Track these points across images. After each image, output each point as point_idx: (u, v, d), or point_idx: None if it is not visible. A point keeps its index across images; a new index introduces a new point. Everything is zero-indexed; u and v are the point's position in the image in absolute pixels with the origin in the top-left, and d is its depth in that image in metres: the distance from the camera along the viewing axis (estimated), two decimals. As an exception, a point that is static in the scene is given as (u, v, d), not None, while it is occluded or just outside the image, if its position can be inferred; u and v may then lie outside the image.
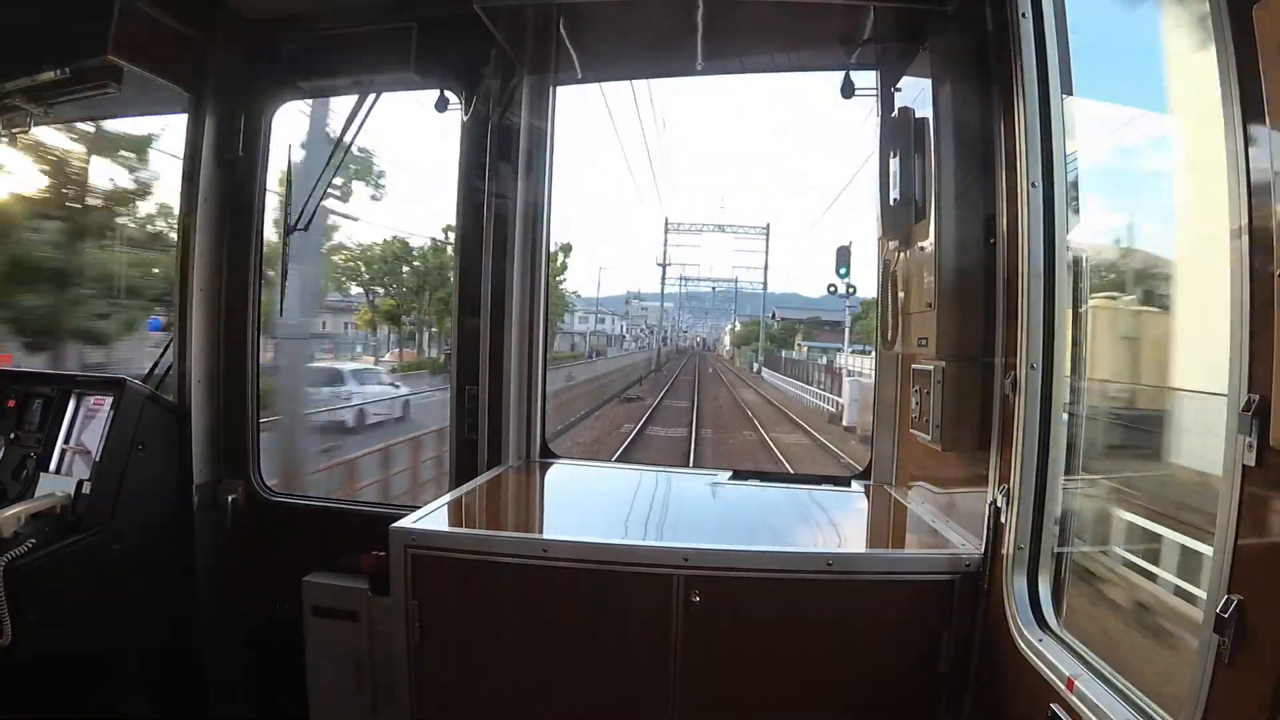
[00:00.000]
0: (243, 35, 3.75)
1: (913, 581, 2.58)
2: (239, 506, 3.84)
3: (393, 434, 14.96)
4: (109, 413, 3.38)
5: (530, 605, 2.65)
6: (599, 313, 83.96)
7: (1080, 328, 2.46)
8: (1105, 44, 2.89)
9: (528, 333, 3.79)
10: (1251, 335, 1.47)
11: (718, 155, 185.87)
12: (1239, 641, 1.46)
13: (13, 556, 2.84)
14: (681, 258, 77.65)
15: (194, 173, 3.72)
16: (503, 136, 3.67)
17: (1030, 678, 2.18)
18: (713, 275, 79.77)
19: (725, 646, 2.55)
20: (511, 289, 3.72)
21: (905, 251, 3.05)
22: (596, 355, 61.87)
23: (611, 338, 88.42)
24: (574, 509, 3.59)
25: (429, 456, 12.84)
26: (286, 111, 3.93)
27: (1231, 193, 1.50)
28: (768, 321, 78.24)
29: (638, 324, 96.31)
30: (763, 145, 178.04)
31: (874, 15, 3.18)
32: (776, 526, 3.39)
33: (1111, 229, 3.41)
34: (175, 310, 3.78)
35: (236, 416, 3.89)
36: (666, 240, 68.39)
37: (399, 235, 34.62)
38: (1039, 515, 2.36)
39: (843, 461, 20.74)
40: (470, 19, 3.13)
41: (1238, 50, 1.46)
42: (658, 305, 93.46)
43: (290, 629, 3.63)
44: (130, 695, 3.36)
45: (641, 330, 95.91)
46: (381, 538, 2.72)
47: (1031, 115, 2.32)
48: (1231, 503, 1.49)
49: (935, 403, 2.76)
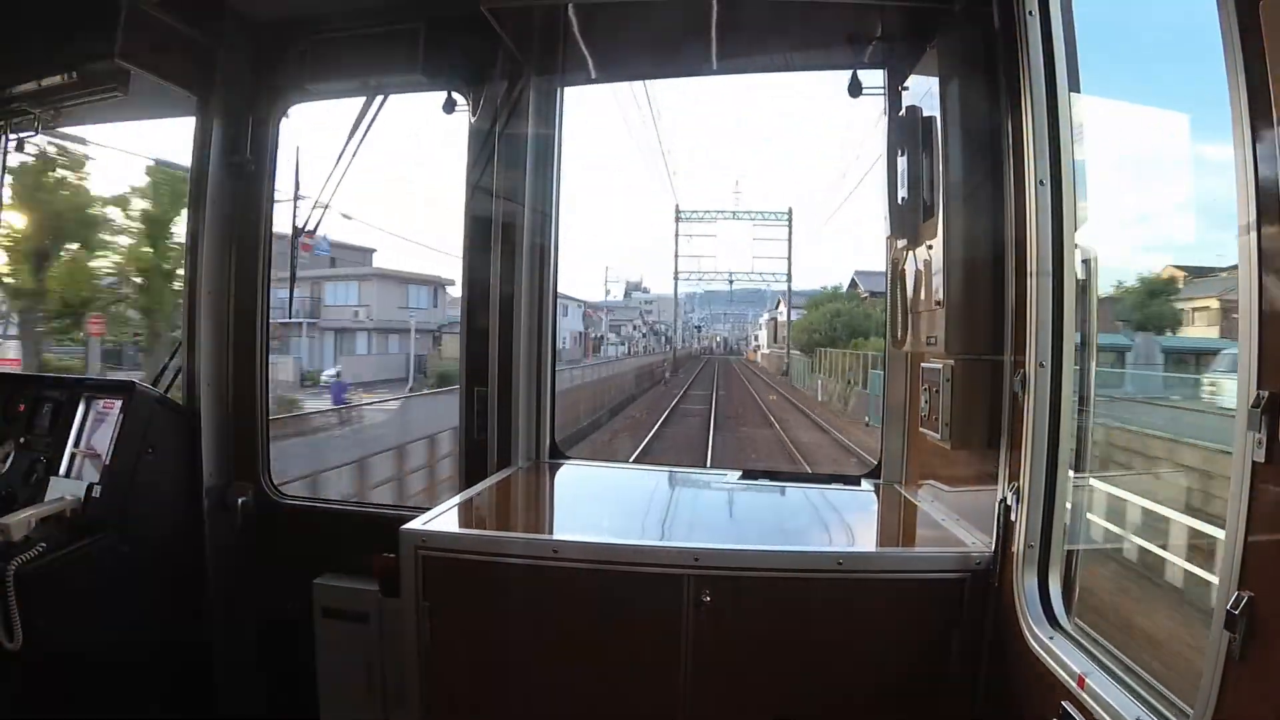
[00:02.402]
0: (250, 38, 3.76)
1: (923, 580, 2.59)
2: (249, 509, 3.84)
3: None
4: (118, 416, 3.38)
5: (540, 606, 2.65)
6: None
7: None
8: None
9: (536, 333, 3.79)
10: (1260, 331, 1.47)
11: (729, 146, 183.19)
12: (1250, 637, 1.46)
13: (23, 560, 2.85)
14: (694, 250, 69.38)
15: (202, 176, 3.73)
16: (510, 137, 3.67)
17: (1041, 675, 2.18)
18: (730, 268, 65.69)
19: (736, 646, 2.55)
20: (520, 289, 3.72)
21: (914, 250, 3.04)
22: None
23: (612, 338, 74.54)
24: (584, 509, 3.60)
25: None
26: (294, 114, 3.94)
27: (1240, 189, 1.50)
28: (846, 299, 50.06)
29: (631, 321, 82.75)
30: (776, 135, 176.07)
31: (882, 14, 3.19)
32: (787, 526, 3.39)
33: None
34: (184, 313, 3.79)
35: (246, 419, 3.89)
36: (678, 230, 58.64)
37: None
38: (1049, 513, 2.36)
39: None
40: (478, 20, 3.13)
41: (1245, 46, 1.46)
42: (667, 301, 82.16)
43: (301, 631, 3.63)
44: (141, 698, 3.36)
45: (638, 328, 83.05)
46: (391, 539, 2.72)
47: (1039, 113, 2.32)
48: (1241, 499, 1.48)
49: (944, 401, 2.76)
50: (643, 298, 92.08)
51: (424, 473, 13.51)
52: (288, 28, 3.73)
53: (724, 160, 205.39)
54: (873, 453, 4.16)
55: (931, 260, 2.83)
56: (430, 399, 21.40)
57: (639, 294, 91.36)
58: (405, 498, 12.47)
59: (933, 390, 2.86)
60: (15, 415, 3.52)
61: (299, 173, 4.01)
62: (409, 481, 12.97)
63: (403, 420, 18.59)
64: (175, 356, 3.87)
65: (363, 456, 12.77)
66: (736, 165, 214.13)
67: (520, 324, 3.72)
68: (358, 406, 19.99)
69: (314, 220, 3.86)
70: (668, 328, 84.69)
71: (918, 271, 3.02)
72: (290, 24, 3.73)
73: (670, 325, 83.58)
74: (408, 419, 18.51)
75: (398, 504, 11.48)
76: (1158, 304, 9.36)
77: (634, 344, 78.13)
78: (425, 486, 13.03)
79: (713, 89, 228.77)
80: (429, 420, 15.48)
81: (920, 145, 2.84)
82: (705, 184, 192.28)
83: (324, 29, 3.67)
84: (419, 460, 13.69)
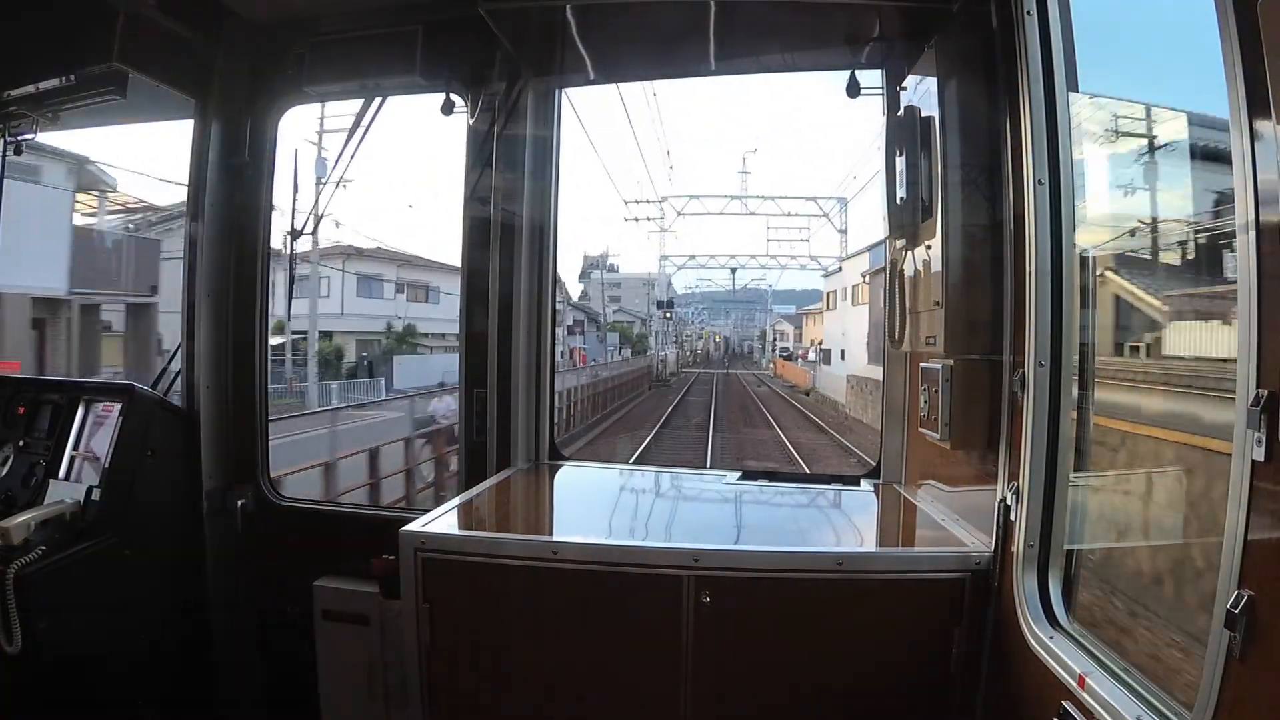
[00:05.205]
0: (248, 40, 3.76)
1: (923, 580, 2.59)
2: (249, 511, 3.84)
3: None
4: (118, 419, 3.38)
5: (541, 607, 2.65)
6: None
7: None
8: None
9: (535, 335, 3.79)
10: (1259, 331, 1.47)
11: (724, 139, 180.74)
12: (1250, 637, 1.46)
13: (23, 564, 2.85)
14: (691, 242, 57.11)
15: (200, 178, 3.73)
16: (509, 139, 3.67)
17: (1041, 675, 2.18)
18: (731, 254, 54.29)
19: (736, 646, 2.55)
20: (519, 291, 3.72)
21: (912, 250, 3.04)
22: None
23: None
24: (584, 511, 3.60)
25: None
26: (293, 116, 3.94)
27: (1239, 188, 1.50)
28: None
29: (581, 313, 57.59)
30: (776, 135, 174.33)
31: (880, 14, 3.19)
32: (786, 526, 3.39)
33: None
34: (183, 315, 3.79)
35: (245, 421, 3.89)
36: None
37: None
38: (1048, 512, 2.36)
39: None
40: (476, 22, 3.13)
41: (1243, 46, 1.46)
42: (636, 284, 68.58)
43: (301, 633, 3.63)
44: (141, 701, 3.37)
45: (591, 323, 58.50)
46: (391, 541, 2.72)
47: (1037, 112, 2.32)
48: (1241, 498, 1.49)
49: (944, 401, 2.76)
50: (609, 279, 68.81)
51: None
52: (286, 30, 3.72)
53: (725, 149, 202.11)
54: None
55: (930, 260, 2.83)
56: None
57: (600, 273, 65.82)
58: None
59: (932, 390, 2.86)
60: (15, 418, 3.52)
61: (298, 174, 4.01)
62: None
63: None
64: (174, 359, 3.86)
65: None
66: (738, 158, 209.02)
67: (519, 325, 3.72)
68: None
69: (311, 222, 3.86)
70: (643, 323, 66.15)
71: (916, 271, 3.02)
72: (288, 26, 3.72)
73: (646, 319, 63.77)
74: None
75: (398, 506, 11.50)
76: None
77: (578, 351, 49.98)
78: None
79: (714, 89, 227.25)
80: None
81: (919, 145, 2.84)
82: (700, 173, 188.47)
83: (322, 31, 3.66)
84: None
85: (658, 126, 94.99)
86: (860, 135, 12.12)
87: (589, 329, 58.07)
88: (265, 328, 3.94)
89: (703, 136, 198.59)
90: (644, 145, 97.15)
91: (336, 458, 12.64)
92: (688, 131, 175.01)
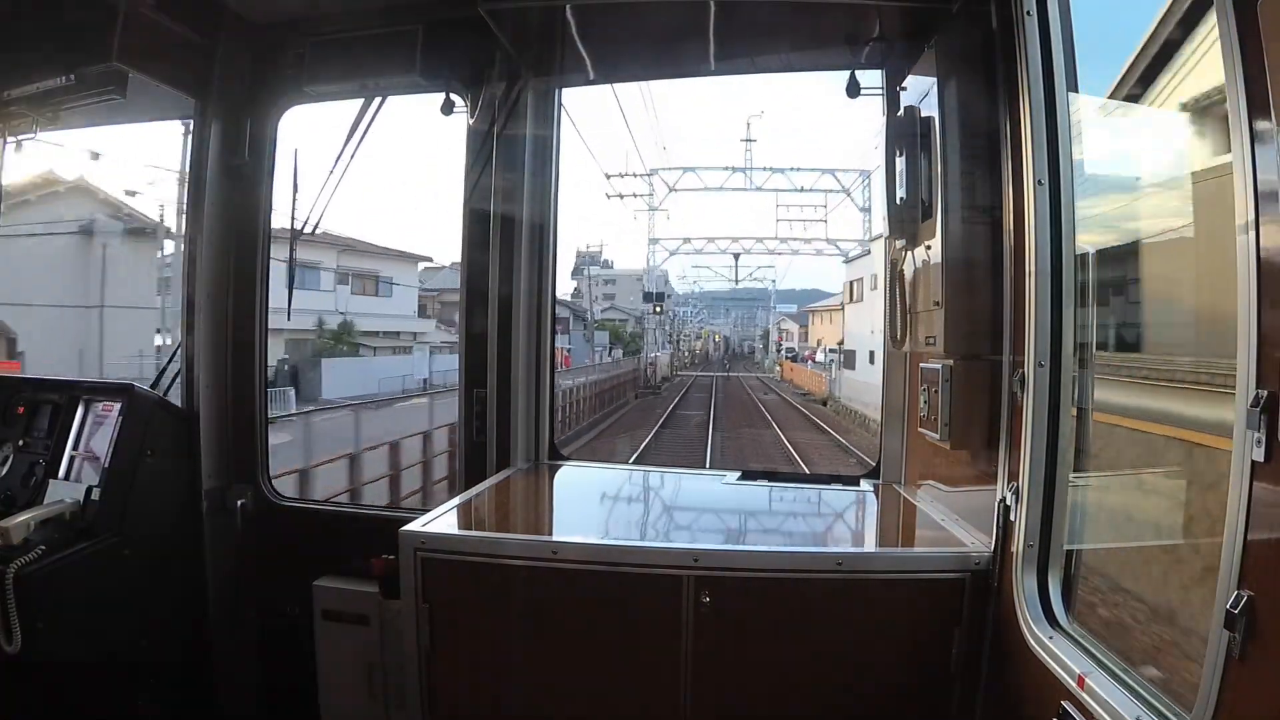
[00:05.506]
0: (248, 40, 3.75)
1: (923, 580, 2.59)
2: (248, 511, 3.83)
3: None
4: (117, 419, 3.37)
5: (540, 607, 2.65)
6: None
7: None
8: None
9: (535, 334, 3.79)
10: (1259, 331, 1.47)
11: (724, 139, 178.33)
12: (1250, 637, 1.46)
13: (22, 563, 2.85)
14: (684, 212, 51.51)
15: (200, 178, 3.72)
16: (508, 139, 3.67)
17: (1041, 675, 2.18)
18: (734, 238, 45.60)
19: (736, 646, 2.56)
20: (519, 291, 3.72)
21: (912, 250, 3.04)
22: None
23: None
24: (583, 511, 3.59)
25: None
26: (293, 116, 3.94)
27: (1239, 189, 1.50)
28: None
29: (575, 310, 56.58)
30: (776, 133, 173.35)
31: (880, 15, 3.19)
32: (786, 526, 3.40)
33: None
34: (183, 315, 3.78)
35: (244, 421, 3.89)
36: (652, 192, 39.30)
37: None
38: (1048, 512, 2.36)
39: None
40: (476, 22, 3.14)
41: (1243, 47, 1.46)
42: (630, 280, 66.07)
43: (301, 633, 3.63)
44: (141, 701, 3.36)
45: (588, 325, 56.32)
46: (391, 541, 2.72)
47: (1037, 112, 2.32)
48: (1240, 498, 1.49)
49: (943, 401, 2.76)
50: (603, 274, 69.44)
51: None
52: (285, 30, 3.72)
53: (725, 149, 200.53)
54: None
55: (930, 260, 2.83)
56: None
57: (590, 269, 64.61)
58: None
59: (932, 390, 2.86)
60: (14, 418, 3.52)
61: (297, 174, 3.99)
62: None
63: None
64: (174, 359, 3.86)
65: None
66: (742, 130, 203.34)
67: (519, 325, 3.72)
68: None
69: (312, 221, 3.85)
70: (637, 321, 63.64)
71: (916, 271, 3.03)
72: (288, 26, 3.72)
73: (640, 316, 60.45)
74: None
75: (398, 506, 11.51)
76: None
77: (560, 351, 40.47)
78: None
79: (714, 89, 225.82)
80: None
81: (918, 145, 2.84)
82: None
83: (322, 31, 3.66)
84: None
85: (655, 127, 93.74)
86: (873, 120, 11.78)
87: (575, 327, 55.96)
88: (265, 327, 3.93)
89: (702, 136, 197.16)
90: (639, 142, 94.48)
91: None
92: (687, 131, 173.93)
